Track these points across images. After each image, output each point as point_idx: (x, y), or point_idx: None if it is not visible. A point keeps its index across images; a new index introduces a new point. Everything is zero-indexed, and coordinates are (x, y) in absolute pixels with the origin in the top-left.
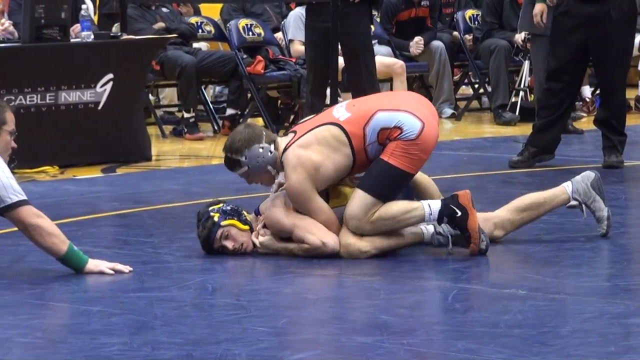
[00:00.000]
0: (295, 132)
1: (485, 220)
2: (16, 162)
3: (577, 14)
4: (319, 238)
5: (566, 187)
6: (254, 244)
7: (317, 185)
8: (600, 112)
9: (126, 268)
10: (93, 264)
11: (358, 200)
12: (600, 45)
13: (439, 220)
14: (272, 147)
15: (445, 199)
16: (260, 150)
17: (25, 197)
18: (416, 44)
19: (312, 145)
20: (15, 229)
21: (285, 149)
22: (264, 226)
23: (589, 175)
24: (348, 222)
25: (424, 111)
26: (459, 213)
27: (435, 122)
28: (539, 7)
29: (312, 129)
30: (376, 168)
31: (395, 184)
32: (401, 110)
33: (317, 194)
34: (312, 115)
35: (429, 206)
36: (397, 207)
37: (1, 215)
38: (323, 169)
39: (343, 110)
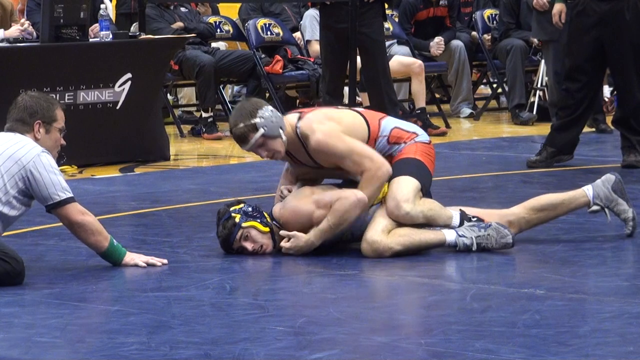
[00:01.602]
0: (301, 111)
1: (501, 217)
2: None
3: (592, 12)
4: (347, 190)
5: (586, 190)
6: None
7: None
8: (618, 112)
9: (160, 261)
10: (129, 257)
11: (406, 183)
12: (613, 44)
13: (460, 225)
14: (278, 112)
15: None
16: (271, 111)
17: (71, 195)
18: (437, 44)
19: (336, 116)
20: (34, 228)
21: (298, 120)
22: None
23: (609, 178)
24: (401, 205)
25: None
26: (475, 218)
27: None
28: (557, 7)
29: (328, 109)
30: (407, 163)
31: (427, 180)
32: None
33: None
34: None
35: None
36: (435, 204)
37: (48, 211)
38: (348, 133)
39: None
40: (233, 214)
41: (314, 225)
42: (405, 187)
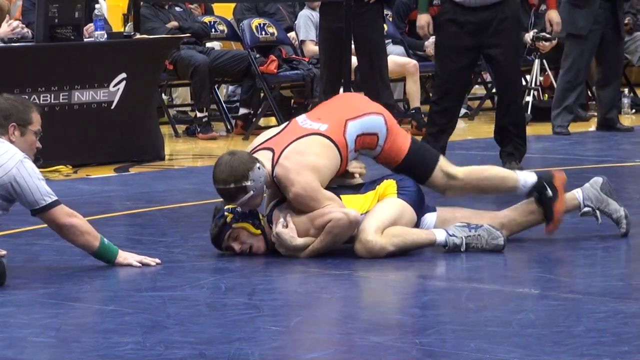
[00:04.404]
0: (271, 149)
1: (492, 218)
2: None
3: (466, 22)
4: (339, 211)
5: (576, 193)
6: (272, 243)
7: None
8: (499, 121)
9: (154, 261)
10: (122, 257)
11: (443, 165)
12: (494, 53)
13: (529, 194)
14: (260, 165)
15: (540, 174)
16: (259, 169)
17: (56, 198)
18: (433, 44)
19: (307, 150)
20: (29, 228)
21: (273, 166)
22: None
23: (597, 180)
24: (450, 183)
25: (373, 104)
26: (550, 194)
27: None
28: (425, 19)
29: (295, 140)
30: (406, 163)
31: (424, 151)
32: (364, 114)
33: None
34: (275, 132)
35: (524, 178)
36: (494, 171)
37: (33, 216)
38: (324, 170)
39: (311, 122)
40: (226, 213)
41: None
42: (445, 167)
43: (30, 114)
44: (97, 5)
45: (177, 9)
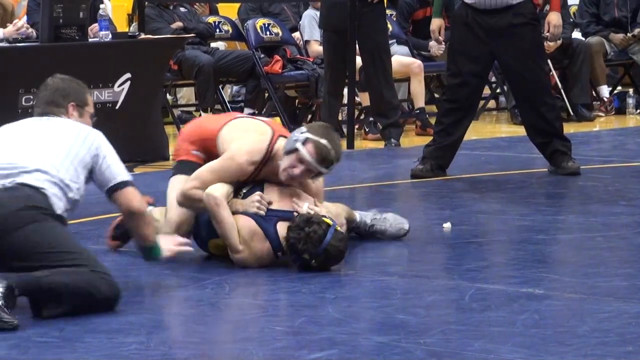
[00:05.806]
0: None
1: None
2: None
3: (478, 26)
4: None
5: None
6: None
7: None
8: (530, 123)
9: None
10: (164, 250)
11: None
12: (508, 58)
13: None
14: None
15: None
16: None
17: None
18: (437, 45)
19: None
20: None
21: None
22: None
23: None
24: None
25: None
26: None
27: None
28: (437, 23)
29: None
30: None
31: None
32: None
33: None
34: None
35: None
36: None
37: (109, 194)
38: None
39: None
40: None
41: None
42: None
43: (86, 95)
44: (102, 6)
45: (182, 9)
